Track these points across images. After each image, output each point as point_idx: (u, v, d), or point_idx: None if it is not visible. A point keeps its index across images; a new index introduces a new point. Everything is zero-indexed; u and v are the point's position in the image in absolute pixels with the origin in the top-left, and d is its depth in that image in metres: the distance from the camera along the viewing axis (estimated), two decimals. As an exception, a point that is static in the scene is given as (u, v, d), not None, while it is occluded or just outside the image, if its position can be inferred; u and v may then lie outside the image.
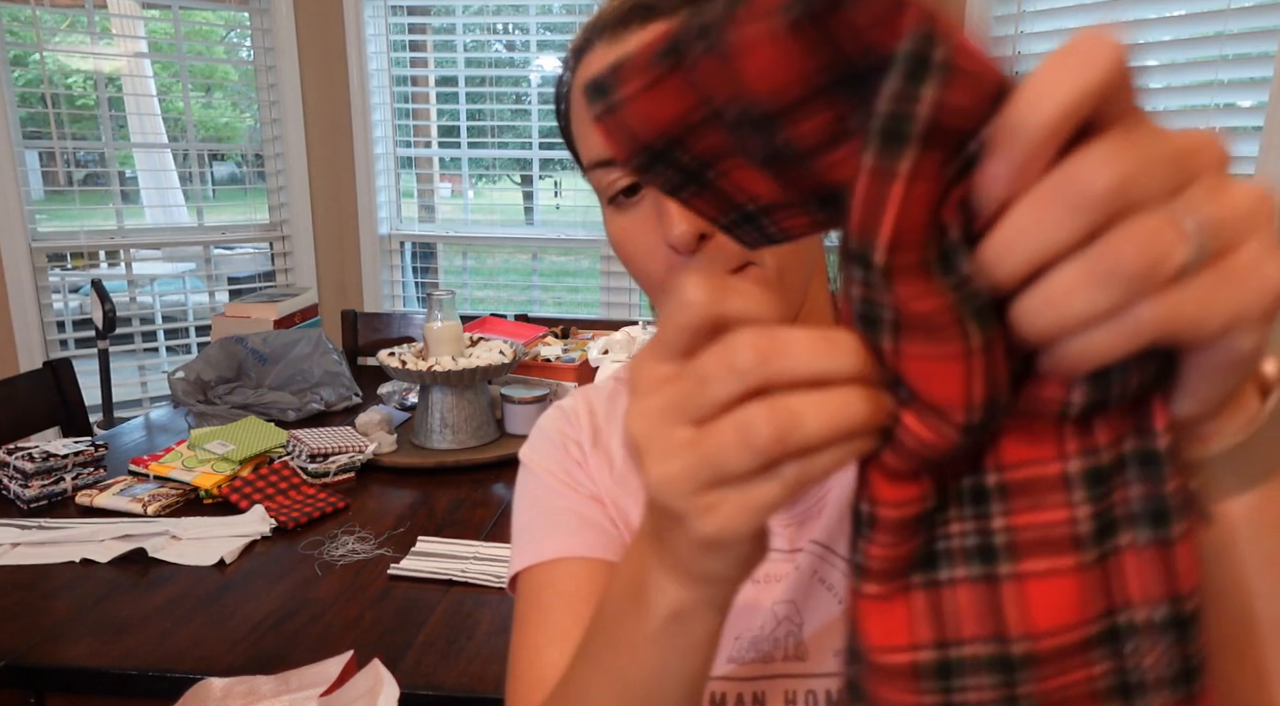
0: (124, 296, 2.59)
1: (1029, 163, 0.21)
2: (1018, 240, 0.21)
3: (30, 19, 2.37)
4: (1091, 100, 0.20)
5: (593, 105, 0.26)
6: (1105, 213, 0.20)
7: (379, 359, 1.60)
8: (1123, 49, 0.20)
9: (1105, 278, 0.21)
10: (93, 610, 1.06)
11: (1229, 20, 1.77)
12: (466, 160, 2.87)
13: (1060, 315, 0.22)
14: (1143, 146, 0.21)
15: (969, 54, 0.20)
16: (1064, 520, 0.25)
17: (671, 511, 0.27)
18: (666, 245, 0.50)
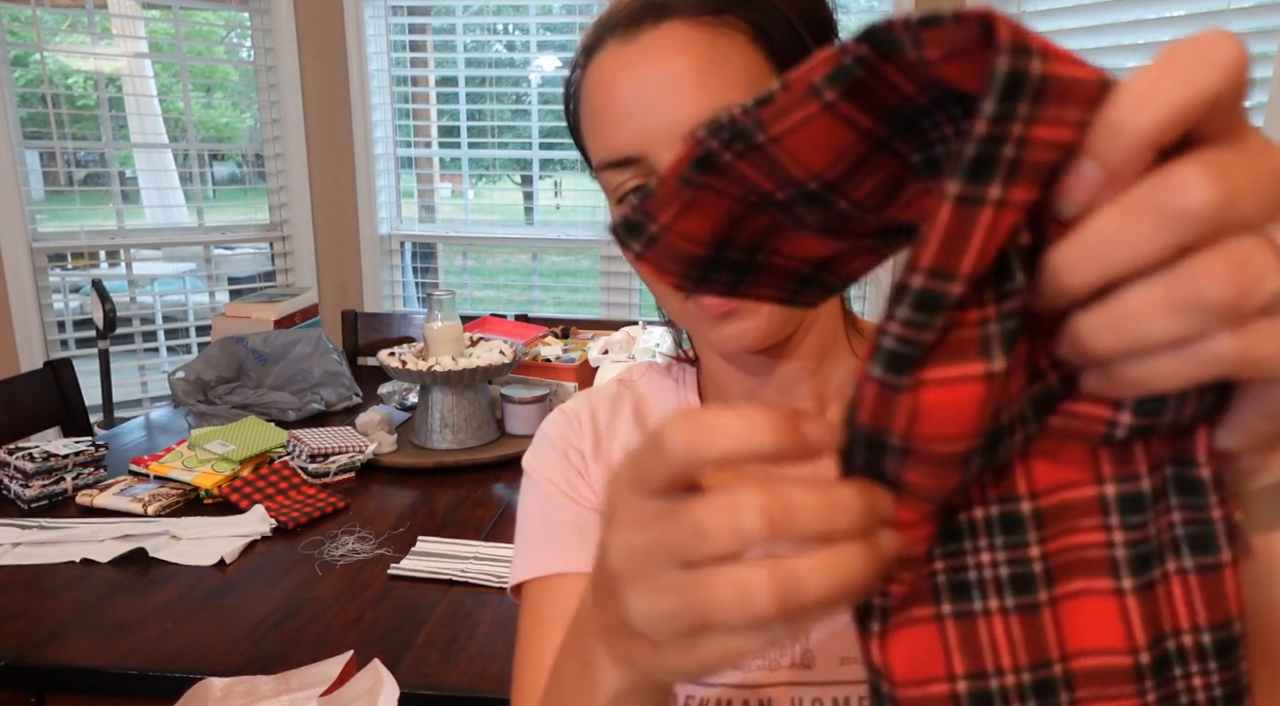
0: (124, 296, 2.59)
1: (1125, 167, 0.19)
2: (1098, 248, 0.20)
3: (30, 19, 2.37)
4: (1204, 108, 0.19)
5: (630, 246, 0.25)
6: (1200, 232, 0.19)
7: (379, 359, 1.60)
8: (1245, 54, 0.19)
9: (1187, 304, 0.19)
10: (93, 610, 1.06)
11: (1229, 20, 1.77)
12: (466, 160, 2.87)
13: (1130, 337, 0.20)
14: (1247, 163, 0.19)
15: (1063, 60, 0.19)
16: (1100, 543, 0.25)
17: (647, 639, 0.26)
18: None
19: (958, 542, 0.25)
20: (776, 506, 0.22)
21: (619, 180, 0.51)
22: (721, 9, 0.49)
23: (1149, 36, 1.93)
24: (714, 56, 0.48)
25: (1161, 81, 0.19)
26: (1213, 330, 0.19)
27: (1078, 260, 0.20)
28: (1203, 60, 0.19)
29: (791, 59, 0.51)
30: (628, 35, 0.50)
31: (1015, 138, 0.19)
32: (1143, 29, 1.93)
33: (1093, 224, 0.20)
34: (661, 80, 0.48)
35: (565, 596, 0.57)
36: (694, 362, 0.64)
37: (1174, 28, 1.88)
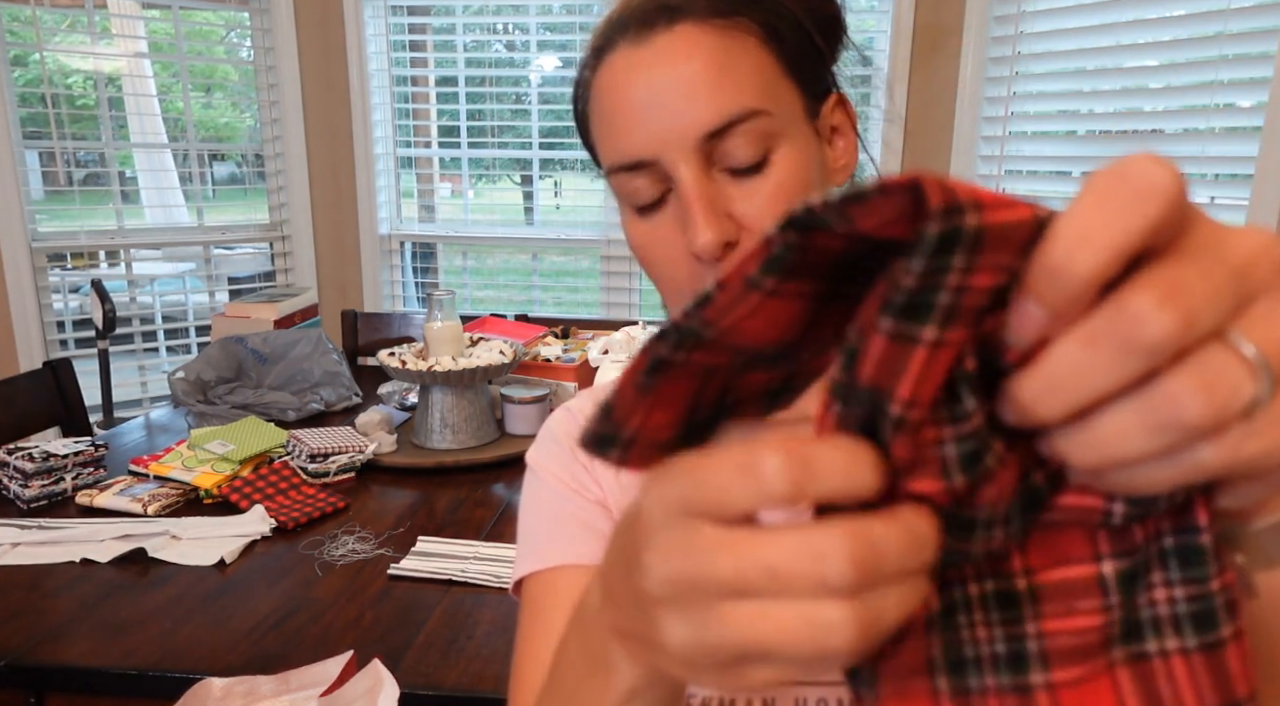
0: (124, 296, 2.59)
1: (1069, 307, 0.19)
2: (1063, 381, 0.20)
3: (30, 19, 2.37)
4: (1142, 242, 0.18)
5: (608, 456, 0.25)
6: (1164, 356, 0.18)
7: (379, 359, 1.60)
8: (1178, 178, 0.18)
9: (1164, 426, 0.19)
10: (93, 610, 1.06)
11: (1229, 20, 1.77)
12: (466, 160, 2.87)
13: (1112, 456, 0.20)
14: (1200, 272, 0.19)
15: (996, 207, 0.19)
16: (1100, 626, 0.24)
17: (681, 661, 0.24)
18: (690, 253, 0.49)
19: (954, 618, 0.25)
20: (866, 551, 0.21)
21: (630, 184, 0.51)
22: (733, 11, 0.49)
23: (1149, 36, 1.93)
24: (726, 60, 0.48)
25: (1095, 221, 0.18)
26: (1194, 443, 0.19)
27: (1043, 393, 0.20)
28: (1135, 194, 0.18)
29: (801, 59, 0.51)
30: (640, 37, 0.50)
31: (951, 287, 0.19)
32: (1143, 29, 1.93)
33: (1053, 357, 0.20)
34: (675, 84, 0.48)
35: (568, 588, 0.56)
36: None
37: (1174, 27, 1.88)
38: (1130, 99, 2.00)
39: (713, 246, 0.48)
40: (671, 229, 0.51)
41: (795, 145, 0.50)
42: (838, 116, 0.55)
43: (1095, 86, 2.07)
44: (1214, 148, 1.83)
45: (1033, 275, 0.19)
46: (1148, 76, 1.96)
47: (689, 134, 0.48)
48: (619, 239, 2.77)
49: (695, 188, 0.48)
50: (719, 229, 0.48)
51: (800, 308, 0.23)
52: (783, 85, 0.50)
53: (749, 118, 0.48)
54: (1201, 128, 1.85)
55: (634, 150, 0.50)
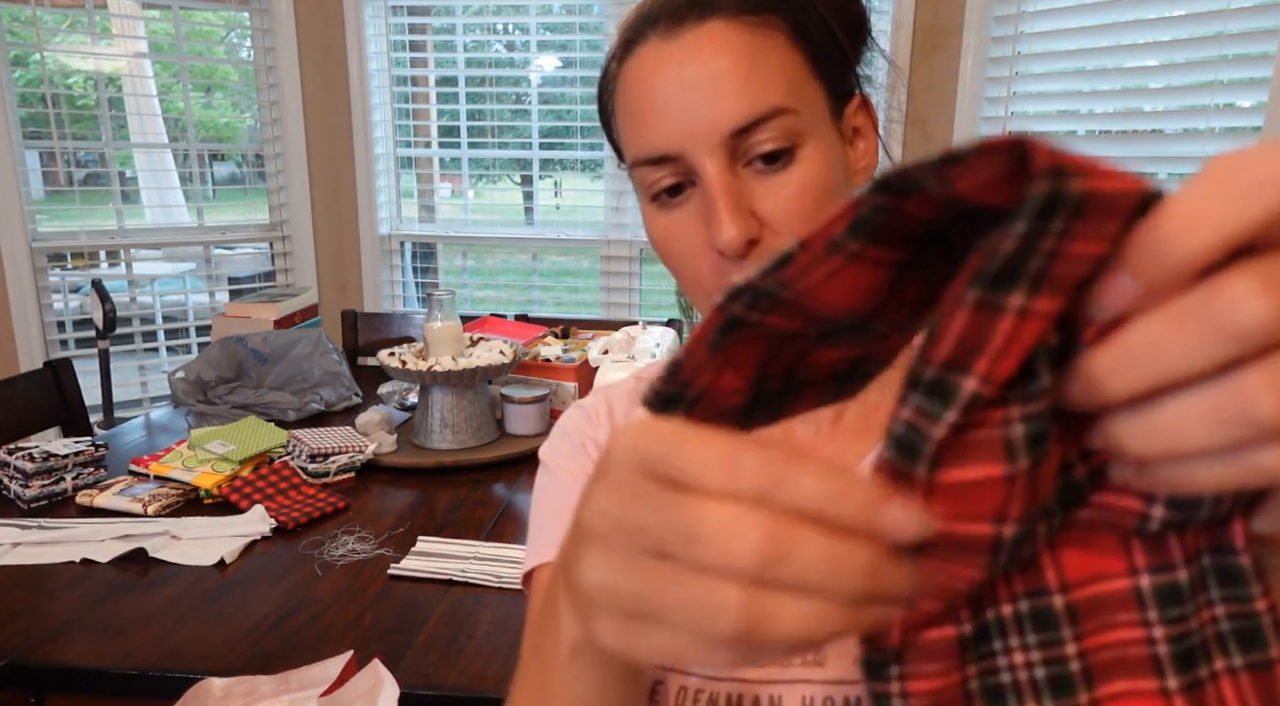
0: (124, 296, 2.59)
1: (1166, 285, 0.19)
2: (1141, 356, 0.19)
3: (30, 19, 2.37)
4: (1255, 231, 0.18)
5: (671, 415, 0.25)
6: (1249, 348, 0.18)
7: (379, 359, 1.60)
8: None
9: (1234, 419, 0.19)
10: (93, 610, 1.06)
11: (1229, 20, 1.77)
12: (466, 160, 2.87)
13: (1171, 444, 0.20)
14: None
15: (1104, 176, 0.18)
16: (1140, 639, 0.24)
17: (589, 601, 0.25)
18: (713, 248, 0.50)
19: (988, 643, 0.24)
20: (779, 546, 0.21)
21: (653, 177, 0.52)
22: (763, 9, 0.49)
23: (1149, 36, 1.93)
24: (755, 57, 0.49)
25: (1211, 204, 0.18)
26: (1258, 443, 0.19)
27: (1118, 367, 0.20)
28: (1257, 183, 0.18)
29: (827, 59, 0.52)
30: (670, 31, 0.50)
31: (1045, 252, 0.18)
32: (1143, 29, 1.93)
33: (1136, 332, 0.19)
34: (703, 79, 0.48)
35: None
36: None
37: (1174, 27, 1.88)
38: (1130, 99, 2.00)
39: (736, 243, 0.48)
40: (694, 223, 0.51)
41: (820, 144, 0.51)
42: (860, 118, 0.56)
43: (1095, 86, 2.07)
44: (1214, 148, 1.83)
45: (1134, 248, 0.19)
46: (1148, 76, 1.96)
47: (716, 129, 0.48)
48: (619, 239, 2.77)
49: (720, 183, 0.49)
50: (743, 225, 0.48)
51: (880, 276, 0.22)
52: (809, 85, 0.51)
53: (776, 115, 0.49)
54: (1201, 128, 1.85)
55: (660, 144, 0.50)
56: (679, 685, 0.53)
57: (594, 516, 0.25)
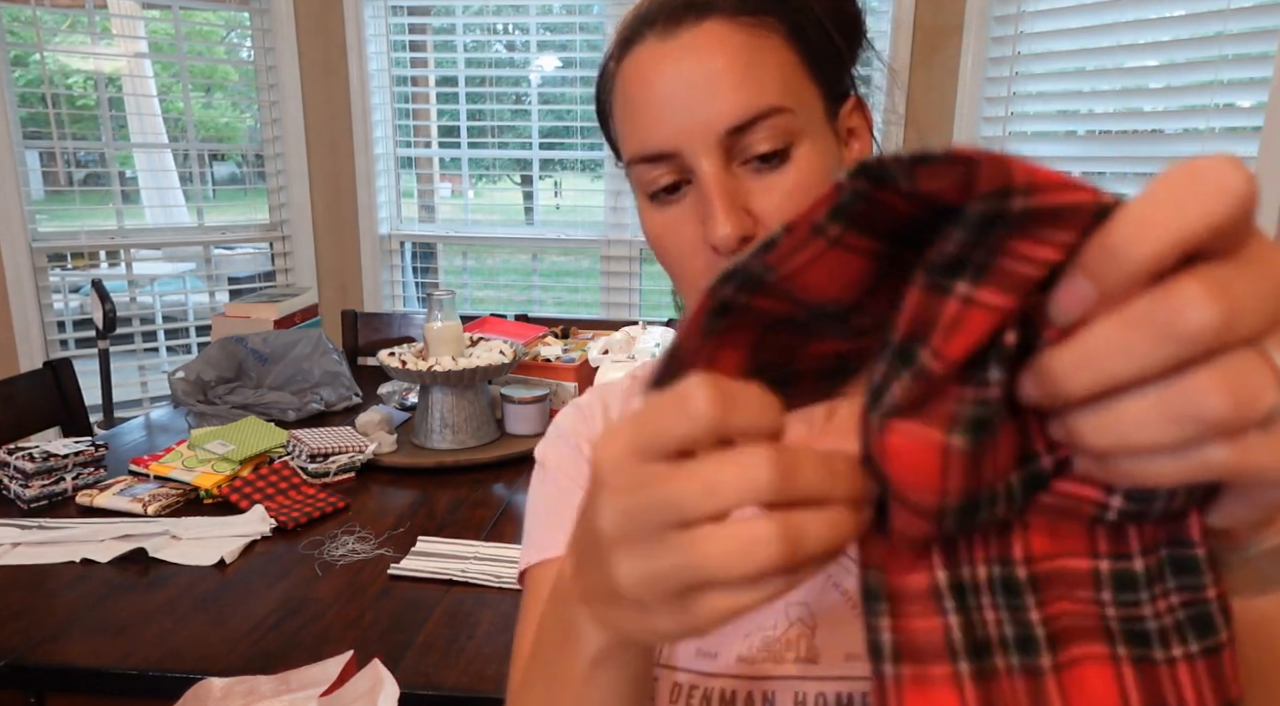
0: (124, 296, 2.59)
1: (1121, 289, 0.20)
2: (1097, 357, 0.20)
3: (30, 19, 2.37)
4: (1206, 238, 0.19)
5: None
6: (1199, 349, 0.19)
7: (379, 359, 1.60)
8: (1251, 182, 0.19)
9: (1184, 417, 0.19)
10: (93, 610, 1.06)
11: (1229, 20, 1.77)
12: (466, 160, 2.87)
13: (1125, 440, 0.21)
14: (1249, 276, 0.19)
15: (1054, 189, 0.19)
16: (1094, 614, 0.25)
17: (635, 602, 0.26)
18: (708, 244, 0.50)
19: (965, 599, 0.26)
20: (785, 463, 0.23)
21: (650, 175, 0.52)
22: (760, 10, 0.50)
23: (1149, 36, 1.93)
24: (752, 57, 0.49)
25: (1163, 210, 0.19)
26: (1208, 440, 0.20)
27: (1075, 367, 0.21)
28: (1208, 190, 0.18)
29: (823, 60, 0.52)
30: (668, 30, 0.50)
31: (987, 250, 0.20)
32: (1143, 29, 1.93)
33: (1092, 334, 0.20)
34: (700, 78, 0.49)
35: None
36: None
37: (1174, 27, 1.88)
38: (1130, 99, 2.00)
39: (731, 239, 0.49)
40: (689, 220, 0.52)
41: (815, 145, 0.51)
42: (855, 119, 0.56)
43: (1095, 86, 2.07)
44: (1214, 148, 1.83)
45: (1089, 252, 0.20)
46: (1148, 76, 1.96)
47: (712, 128, 0.49)
48: (619, 239, 2.77)
49: (716, 181, 0.49)
50: (738, 222, 0.49)
51: (861, 265, 0.23)
52: (805, 85, 0.51)
53: (772, 114, 0.49)
54: (1201, 128, 1.85)
55: (657, 141, 0.51)
56: (672, 681, 0.53)
57: (608, 524, 0.25)
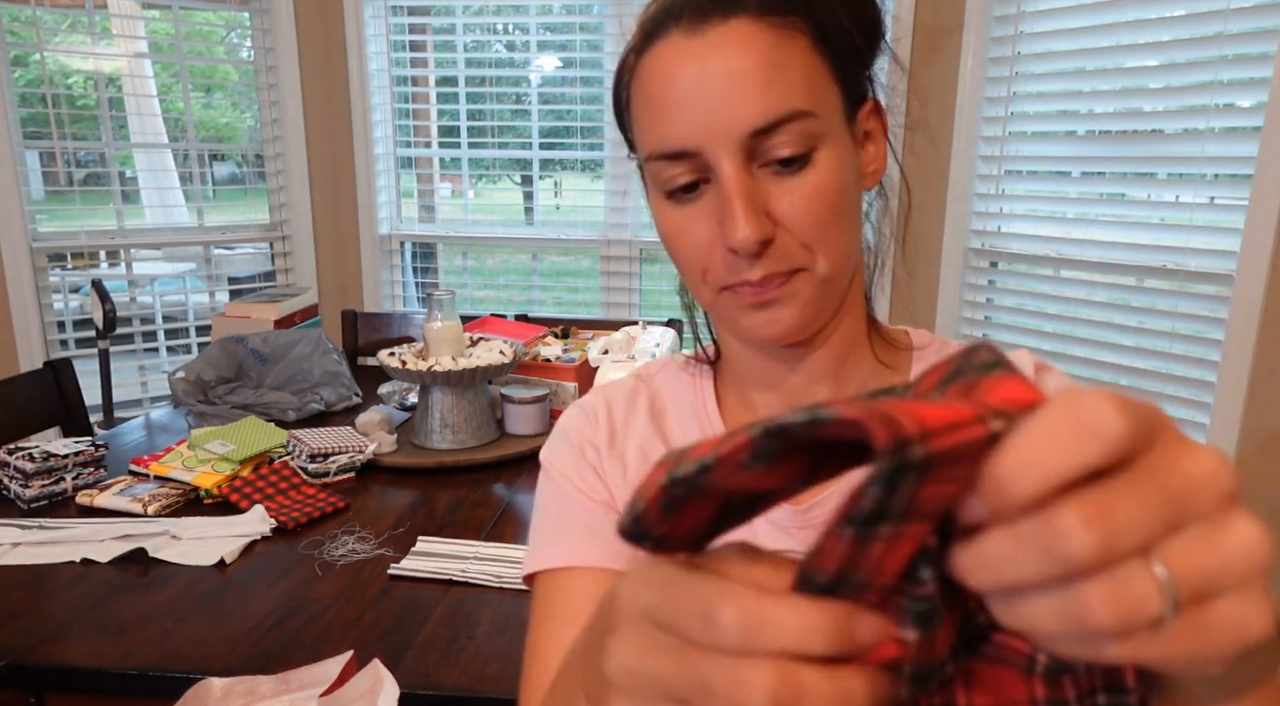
0: (124, 296, 2.59)
1: (1010, 513, 0.21)
2: (991, 565, 0.22)
3: (30, 19, 2.37)
4: (1078, 477, 0.20)
5: (643, 548, 0.27)
6: (1081, 568, 0.20)
7: (379, 359, 1.60)
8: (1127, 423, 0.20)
9: (1076, 620, 0.21)
10: (93, 610, 1.06)
11: (1229, 20, 1.77)
12: (466, 160, 2.87)
13: (1030, 628, 0.22)
14: (1134, 497, 0.20)
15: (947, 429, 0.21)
16: None
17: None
18: (725, 245, 0.50)
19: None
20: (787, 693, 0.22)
21: (669, 172, 0.52)
22: (787, 10, 0.50)
23: (1149, 36, 1.93)
24: (777, 59, 0.49)
25: (1038, 451, 0.20)
26: (1102, 639, 0.21)
27: (975, 569, 0.22)
28: (1082, 435, 0.20)
29: (846, 61, 0.52)
30: (694, 27, 0.50)
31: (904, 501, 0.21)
32: (1143, 29, 1.93)
33: (987, 542, 0.22)
34: (725, 78, 0.48)
35: (571, 590, 0.59)
36: (711, 362, 0.66)
37: (1174, 27, 1.88)
38: (1130, 99, 2.00)
39: (751, 242, 0.49)
40: (706, 219, 0.52)
41: (835, 148, 0.51)
42: (872, 122, 0.56)
43: (1095, 86, 2.07)
44: (1214, 148, 1.83)
45: (981, 479, 0.21)
46: (1148, 76, 1.96)
47: (735, 129, 0.49)
48: (619, 239, 2.77)
49: (737, 183, 0.49)
50: (758, 225, 0.49)
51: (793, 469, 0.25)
52: (828, 87, 0.51)
53: (795, 118, 0.49)
54: (1201, 128, 1.85)
55: (678, 139, 0.50)
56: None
57: (615, 672, 0.26)
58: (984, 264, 2.34)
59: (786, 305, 0.53)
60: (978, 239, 2.32)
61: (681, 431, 0.63)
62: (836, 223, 0.51)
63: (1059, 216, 2.18)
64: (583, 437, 0.64)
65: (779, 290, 0.52)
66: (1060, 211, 2.18)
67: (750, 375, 0.61)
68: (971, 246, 2.33)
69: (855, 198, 0.54)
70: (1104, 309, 2.07)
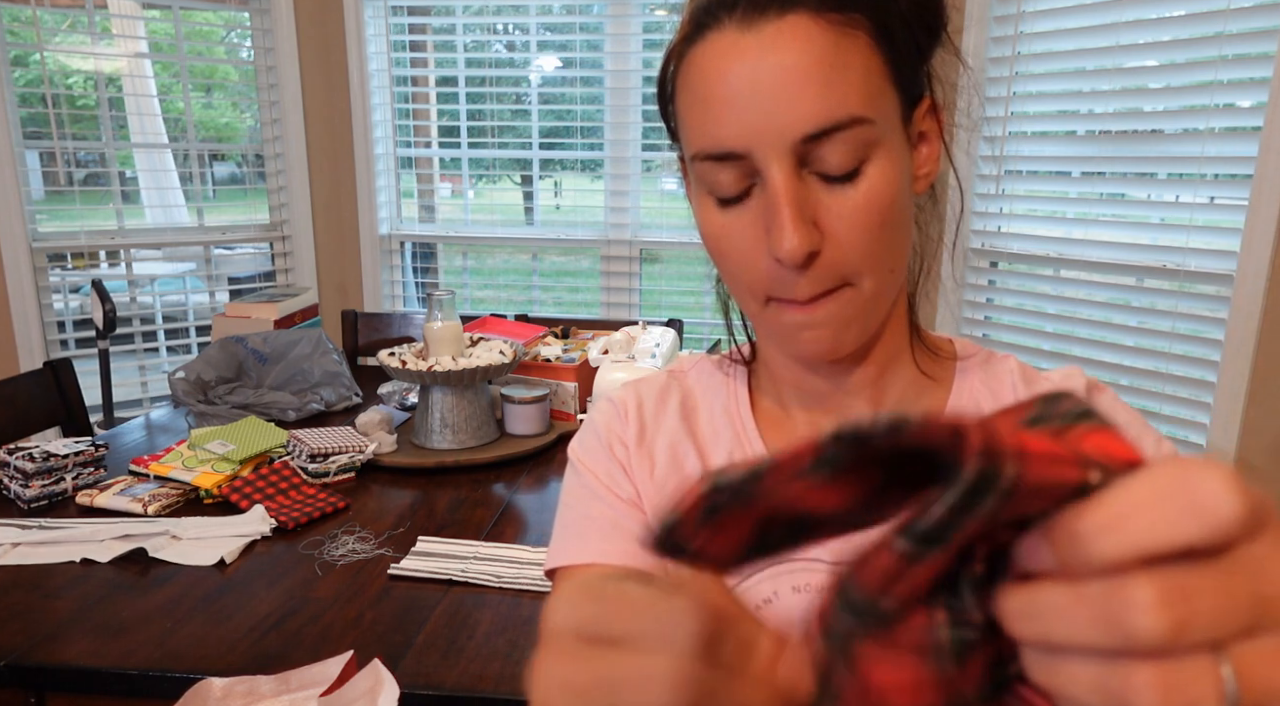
0: (124, 296, 2.59)
1: (1079, 572, 0.19)
2: (1042, 617, 0.20)
3: (30, 19, 2.37)
4: (1174, 553, 0.18)
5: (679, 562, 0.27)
6: (1139, 649, 0.19)
7: (379, 359, 1.60)
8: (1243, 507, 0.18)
9: (1114, 698, 0.19)
10: (93, 610, 1.06)
11: (1229, 20, 1.77)
12: (466, 160, 2.87)
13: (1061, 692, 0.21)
14: (1222, 587, 0.19)
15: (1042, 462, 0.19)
16: None
17: None
18: (771, 254, 0.48)
19: None
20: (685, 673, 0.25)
21: (716, 176, 0.49)
22: (847, 6, 0.47)
23: (1149, 36, 1.93)
24: (836, 58, 0.46)
25: (1139, 516, 0.18)
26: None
27: (1023, 616, 0.21)
28: (1191, 509, 0.18)
29: (905, 60, 0.49)
30: (748, 20, 0.47)
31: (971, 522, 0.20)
32: (1143, 29, 1.93)
33: (1044, 591, 0.20)
34: (781, 78, 0.45)
35: None
36: (747, 363, 0.64)
37: (1174, 27, 1.88)
38: (1130, 99, 2.00)
39: (798, 254, 0.46)
40: (753, 225, 0.49)
41: (889, 155, 0.48)
42: (928, 122, 0.53)
43: (1095, 86, 2.07)
44: (1214, 148, 1.83)
45: (1058, 527, 0.20)
46: (1148, 76, 1.96)
47: (787, 133, 0.46)
48: (619, 239, 2.77)
49: (787, 190, 0.47)
50: (805, 236, 0.47)
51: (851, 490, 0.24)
52: (886, 90, 0.48)
53: (853, 125, 0.46)
54: (1201, 128, 1.85)
55: (727, 140, 0.47)
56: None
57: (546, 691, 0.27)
58: (984, 264, 2.34)
59: (831, 325, 0.51)
60: (978, 239, 2.32)
61: (713, 431, 0.62)
62: (886, 235, 0.49)
63: (1059, 216, 2.18)
64: (611, 434, 0.63)
65: (825, 309, 0.50)
66: (1060, 211, 2.18)
67: (786, 381, 0.60)
68: (971, 246, 2.33)
69: (906, 206, 0.51)
70: (1104, 309, 2.07)
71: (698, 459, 0.61)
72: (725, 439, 0.61)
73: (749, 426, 0.61)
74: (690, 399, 0.64)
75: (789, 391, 0.60)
